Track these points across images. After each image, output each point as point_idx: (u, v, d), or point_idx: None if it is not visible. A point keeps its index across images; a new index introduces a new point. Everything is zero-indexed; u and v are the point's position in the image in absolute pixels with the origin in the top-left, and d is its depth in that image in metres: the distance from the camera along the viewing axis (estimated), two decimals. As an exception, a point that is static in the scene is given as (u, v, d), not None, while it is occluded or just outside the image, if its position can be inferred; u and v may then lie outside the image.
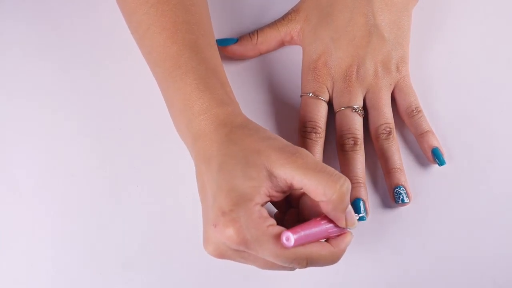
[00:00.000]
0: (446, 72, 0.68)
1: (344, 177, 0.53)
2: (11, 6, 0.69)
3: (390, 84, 0.65)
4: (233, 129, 0.55)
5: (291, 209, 0.58)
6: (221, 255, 0.54)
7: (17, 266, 0.62)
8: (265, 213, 0.53)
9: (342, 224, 0.54)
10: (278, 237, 0.52)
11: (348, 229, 0.55)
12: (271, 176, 0.53)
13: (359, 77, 0.64)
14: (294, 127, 0.65)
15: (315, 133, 0.63)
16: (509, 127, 0.66)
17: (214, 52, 0.60)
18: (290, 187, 0.54)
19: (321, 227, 0.54)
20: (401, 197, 0.62)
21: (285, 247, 0.51)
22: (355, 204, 0.62)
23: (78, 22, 0.69)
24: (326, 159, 0.64)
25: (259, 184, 0.52)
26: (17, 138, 0.66)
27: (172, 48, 0.58)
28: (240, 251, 0.53)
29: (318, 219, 0.54)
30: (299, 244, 0.52)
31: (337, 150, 0.64)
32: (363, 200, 0.62)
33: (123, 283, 0.62)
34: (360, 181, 0.62)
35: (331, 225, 0.54)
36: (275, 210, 0.59)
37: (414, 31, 0.67)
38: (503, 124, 0.66)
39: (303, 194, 0.57)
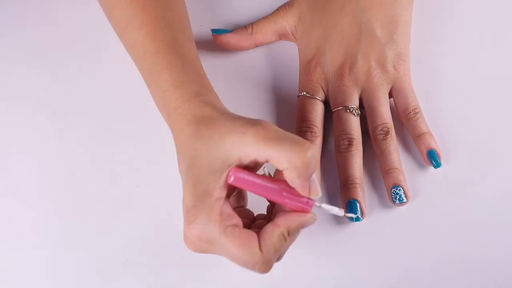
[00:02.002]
0: (446, 72, 0.68)
1: (308, 142, 0.51)
2: (11, 7, 0.69)
3: (387, 83, 0.64)
4: (202, 121, 0.54)
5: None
6: (198, 250, 0.54)
7: (17, 266, 0.62)
8: (228, 210, 0.52)
9: (305, 192, 0.52)
10: (235, 238, 0.51)
11: (312, 200, 0.53)
12: (234, 161, 0.52)
13: (352, 76, 0.63)
14: (293, 126, 0.65)
15: (311, 132, 0.63)
16: (509, 127, 0.66)
17: (192, 46, 0.61)
18: (256, 163, 0.52)
19: (278, 187, 0.52)
20: (399, 197, 0.62)
21: (228, 181, 0.51)
22: (351, 204, 0.61)
23: (78, 22, 0.69)
24: (326, 158, 0.64)
25: (220, 176, 0.52)
26: (17, 138, 0.66)
27: (151, 44, 0.58)
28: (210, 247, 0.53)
29: (280, 180, 0.53)
30: (241, 184, 0.51)
31: (335, 150, 0.64)
32: (358, 201, 0.61)
33: (123, 283, 0.62)
34: (356, 182, 0.62)
35: (291, 192, 0.52)
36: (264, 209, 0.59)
37: (414, 30, 0.67)
38: (503, 124, 0.66)
39: None
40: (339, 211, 0.56)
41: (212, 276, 0.62)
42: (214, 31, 0.67)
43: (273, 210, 0.56)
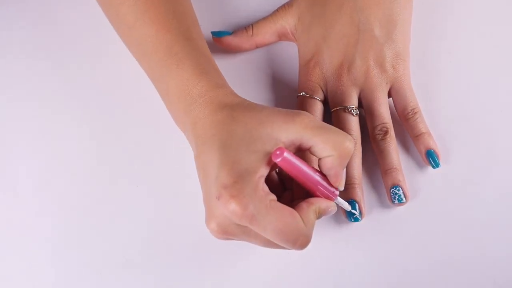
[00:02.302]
0: (446, 72, 0.68)
1: (349, 136, 0.55)
2: (11, 7, 0.70)
3: (386, 83, 0.64)
4: (233, 107, 0.55)
5: (286, 192, 0.58)
6: (223, 231, 0.54)
7: (17, 266, 0.62)
8: (267, 188, 0.53)
9: (337, 181, 0.56)
10: (279, 211, 0.52)
11: (337, 191, 0.57)
12: (277, 144, 0.53)
13: (350, 76, 0.63)
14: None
15: None
16: (509, 127, 0.66)
17: (203, 41, 0.61)
18: (298, 149, 0.55)
19: (314, 174, 0.55)
20: (398, 197, 0.62)
21: (274, 159, 0.52)
22: (350, 205, 0.61)
23: (78, 22, 0.69)
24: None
25: (264, 156, 0.53)
26: (17, 138, 0.66)
27: (165, 37, 0.59)
28: (242, 226, 0.53)
29: (315, 168, 0.56)
30: (287, 163, 0.53)
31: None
32: (357, 202, 0.62)
33: (123, 283, 0.62)
34: (355, 182, 0.62)
35: (323, 180, 0.56)
36: None
37: (413, 30, 0.67)
38: (503, 124, 0.66)
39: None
40: (348, 206, 0.60)
41: (212, 276, 0.62)
42: (214, 33, 0.67)
43: (293, 186, 0.58)
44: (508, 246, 0.63)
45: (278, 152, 0.53)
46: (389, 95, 0.65)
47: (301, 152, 0.56)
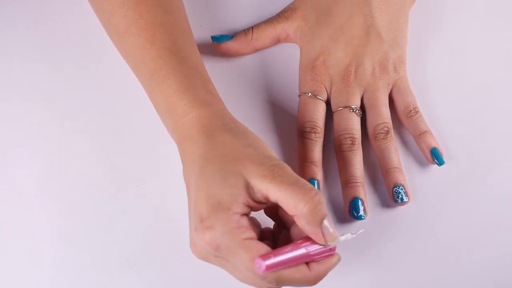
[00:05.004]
0: (444, 72, 0.68)
1: (315, 189, 0.51)
2: (10, 8, 0.70)
3: (388, 84, 0.65)
4: (215, 132, 0.55)
5: (285, 231, 0.57)
6: (204, 258, 0.54)
7: (17, 266, 0.62)
8: (245, 224, 0.52)
9: (319, 240, 0.51)
10: (252, 250, 0.51)
11: (331, 246, 0.52)
12: (248, 186, 0.52)
13: (357, 77, 0.64)
14: (292, 126, 0.65)
15: (315, 133, 0.63)
16: (509, 127, 0.66)
17: (194, 50, 0.60)
18: (267, 199, 0.53)
19: (299, 250, 0.51)
20: (400, 196, 0.62)
21: (259, 271, 0.50)
22: (354, 203, 0.61)
23: (78, 22, 0.69)
24: (325, 159, 0.64)
25: (238, 193, 0.52)
26: (17, 138, 0.66)
27: (152, 50, 0.58)
28: (219, 258, 0.53)
29: (299, 241, 0.52)
30: (273, 269, 0.50)
31: (335, 150, 0.64)
32: (361, 200, 0.62)
33: (122, 283, 0.62)
34: (358, 181, 0.62)
35: (313, 246, 0.52)
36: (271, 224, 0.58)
37: (412, 31, 0.67)
38: (503, 124, 0.66)
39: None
40: (351, 236, 0.55)
41: (212, 276, 0.62)
42: (214, 38, 0.67)
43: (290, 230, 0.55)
44: (509, 246, 0.63)
45: (258, 266, 0.50)
46: (390, 97, 0.65)
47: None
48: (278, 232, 0.57)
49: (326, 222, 0.51)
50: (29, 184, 0.64)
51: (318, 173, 0.63)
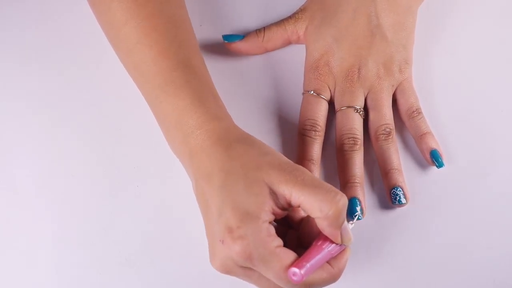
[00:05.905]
0: (447, 74, 0.68)
1: (340, 193, 0.53)
2: (10, 8, 0.70)
3: (392, 86, 0.65)
4: (231, 144, 0.55)
5: (291, 231, 0.58)
6: (227, 271, 0.54)
7: (17, 266, 0.62)
8: (273, 231, 0.53)
9: (337, 240, 0.54)
10: (283, 259, 0.52)
11: (346, 246, 0.55)
12: (272, 192, 0.53)
13: (360, 78, 0.64)
14: (295, 124, 0.65)
15: (314, 131, 0.63)
16: (509, 128, 0.66)
17: (204, 65, 0.61)
18: (289, 204, 0.54)
19: (323, 252, 0.53)
20: (398, 198, 0.62)
21: (294, 280, 0.51)
22: (351, 203, 0.61)
23: (78, 22, 0.69)
24: (326, 158, 0.64)
25: (263, 201, 0.52)
26: (17, 138, 0.66)
27: (164, 62, 0.58)
28: (245, 269, 0.53)
29: (319, 243, 0.54)
30: (307, 275, 0.52)
31: (336, 149, 0.64)
32: (359, 200, 0.62)
33: (122, 283, 0.62)
34: (357, 181, 0.62)
35: (332, 245, 0.54)
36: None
37: (416, 32, 0.67)
38: (503, 125, 0.66)
39: (304, 217, 0.57)
40: (351, 226, 0.57)
41: (212, 276, 0.62)
42: (226, 38, 0.66)
43: (300, 228, 0.57)
44: (509, 246, 0.63)
45: (293, 274, 0.51)
46: (393, 97, 0.65)
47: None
48: (283, 236, 0.57)
49: (345, 224, 0.54)
50: (29, 184, 0.64)
51: (315, 172, 0.63)
